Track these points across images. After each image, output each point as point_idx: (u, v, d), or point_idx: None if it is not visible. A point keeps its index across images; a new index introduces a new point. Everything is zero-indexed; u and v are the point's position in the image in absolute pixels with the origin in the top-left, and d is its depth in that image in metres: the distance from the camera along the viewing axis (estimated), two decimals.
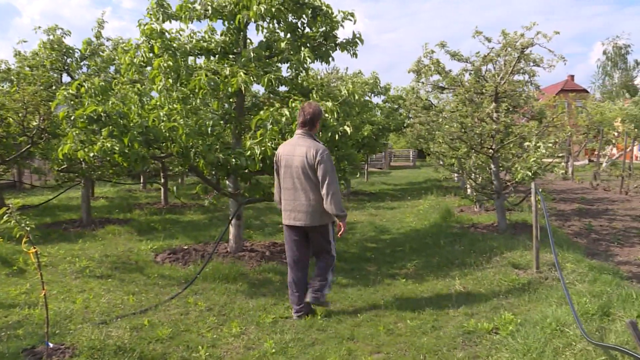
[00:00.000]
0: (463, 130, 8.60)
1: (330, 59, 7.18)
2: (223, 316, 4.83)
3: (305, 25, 6.95)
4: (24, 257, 6.50)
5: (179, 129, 5.72)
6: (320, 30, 6.99)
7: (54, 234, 8.81)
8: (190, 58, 6.85)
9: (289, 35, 6.95)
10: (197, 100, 6.55)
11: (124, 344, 3.91)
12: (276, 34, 7.09)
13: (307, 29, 7.01)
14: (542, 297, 5.01)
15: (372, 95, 15.99)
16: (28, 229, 3.60)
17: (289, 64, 6.82)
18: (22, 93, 8.68)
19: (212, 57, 7.05)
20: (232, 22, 6.80)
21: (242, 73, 5.97)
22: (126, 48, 7.01)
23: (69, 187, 11.28)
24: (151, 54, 6.44)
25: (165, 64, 6.09)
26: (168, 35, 6.53)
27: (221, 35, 7.06)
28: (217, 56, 7.02)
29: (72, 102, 5.71)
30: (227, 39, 6.97)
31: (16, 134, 9.36)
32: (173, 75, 6.23)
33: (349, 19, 6.95)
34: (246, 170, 6.24)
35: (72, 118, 5.55)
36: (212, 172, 6.55)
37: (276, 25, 6.92)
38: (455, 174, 13.52)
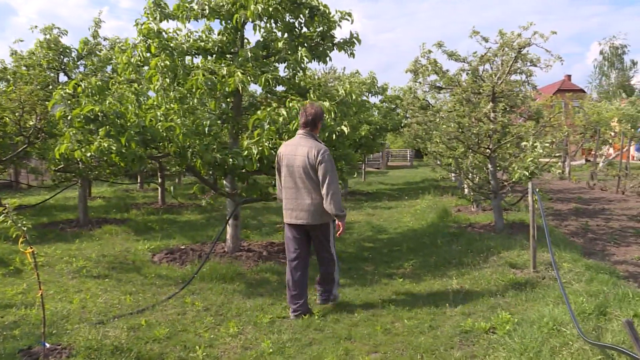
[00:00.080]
0: (460, 130, 8.60)
1: (328, 58, 7.19)
2: (220, 316, 4.82)
3: (302, 25, 6.95)
4: (21, 257, 6.49)
5: (176, 129, 5.71)
6: (318, 30, 6.99)
7: (51, 234, 8.78)
8: (188, 58, 6.85)
9: (286, 35, 6.94)
10: (195, 100, 6.55)
11: (121, 344, 3.91)
12: (273, 34, 7.09)
13: (305, 29, 7.01)
14: (539, 297, 5.02)
15: (369, 95, 16.01)
16: (25, 229, 3.60)
17: (286, 64, 6.82)
18: (18, 92, 8.66)
19: (209, 57, 7.05)
20: (229, 21, 6.80)
21: (239, 73, 5.97)
22: (123, 47, 7.01)
23: (66, 187, 11.26)
24: (148, 54, 6.44)
25: (163, 64, 6.09)
26: (165, 35, 6.53)
27: (218, 34, 7.06)
28: (214, 56, 7.02)
29: (69, 102, 5.69)
30: (224, 38, 6.97)
31: (13, 134, 9.34)
32: (170, 74, 6.24)
33: (347, 19, 6.96)
34: (243, 170, 6.24)
35: (69, 118, 5.53)
36: (209, 172, 6.55)
37: (273, 25, 6.92)
38: (452, 174, 13.52)
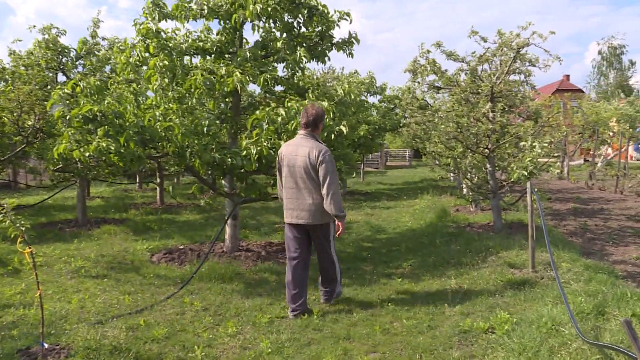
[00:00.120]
0: (459, 130, 8.61)
1: (326, 58, 7.19)
2: (219, 316, 4.82)
3: (301, 24, 6.95)
4: (19, 257, 6.47)
5: (175, 129, 5.71)
6: (316, 30, 6.99)
7: (50, 233, 8.77)
8: (186, 57, 6.84)
9: (284, 35, 6.94)
10: (193, 100, 6.55)
11: (120, 344, 3.91)
12: (272, 34, 7.09)
13: (303, 29, 7.01)
14: (537, 297, 5.02)
15: (368, 95, 16.01)
16: (23, 229, 3.60)
17: (284, 64, 6.82)
18: (17, 92, 8.65)
19: (208, 57, 7.05)
20: (228, 21, 6.79)
21: (238, 73, 5.96)
22: (122, 47, 7.00)
23: (65, 187, 11.25)
24: (147, 54, 6.43)
25: (161, 64, 6.09)
26: (164, 35, 6.52)
27: (217, 34, 7.05)
28: (213, 56, 7.01)
29: (68, 102, 5.69)
30: (223, 38, 6.97)
31: (11, 134, 9.33)
32: (169, 74, 6.23)
33: (345, 19, 6.96)
34: (242, 170, 6.24)
35: (67, 117, 5.53)
36: (208, 172, 6.54)
37: (272, 25, 6.92)
38: (451, 174, 13.55)
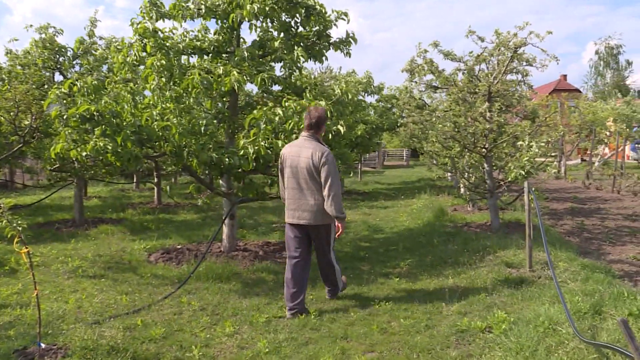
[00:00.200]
0: (456, 130, 8.62)
1: (324, 58, 7.19)
2: (216, 316, 4.82)
3: (298, 24, 6.95)
4: (16, 257, 6.46)
5: (172, 128, 5.70)
6: (314, 29, 6.99)
7: (47, 233, 8.76)
8: (184, 57, 6.83)
9: (282, 35, 6.94)
10: (191, 99, 6.53)
11: (117, 344, 3.90)
12: (269, 33, 7.09)
13: (301, 28, 7.01)
14: (535, 296, 5.03)
15: (365, 94, 16.00)
16: (20, 228, 3.58)
17: (282, 63, 6.83)
18: (13, 92, 8.62)
19: (205, 56, 7.04)
20: (225, 21, 6.79)
21: (235, 72, 5.96)
22: (119, 47, 6.99)
23: (62, 187, 11.23)
24: (144, 53, 6.43)
25: (158, 63, 6.08)
26: (161, 34, 6.52)
27: (214, 34, 7.05)
28: (210, 55, 7.01)
29: (65, 101, 5.67)
30: (220, 38, 6.96)
31: (8, 133, 9.30)
32: (166, 74, 6.22)
33: (343, 19, 6.96)
34: (239, 170, 6.23)
35: (64, 117, 5.52)
36: (205, 172, 6.54)
37: (269, 25, 6.92)
38: (448, 173, 13.56)
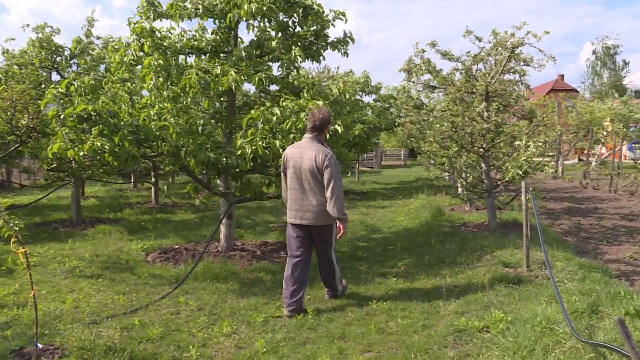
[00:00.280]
0: (454, 130, 8.63)
1: (321, 58, 7.20)
2: (214, 315, 4.81)
3: (296, 24, 6.95)
4: (13, 257, 6.45)
5: (170, 128, 5.70)
6: (311, 29, 6.99)
7: (44, 233, 8.74)
8: (181, 57, 6.82)
9: (279, 34, 6.93)
10: (188, 99, 6.53)
11: (114, 344, 3.89)
12: (267, 33, 7.08)
13: (298, 28, 7.01)
14: (532, 296, 5.04)
15: (363, 94, 16.05)
16: (17, 228, 3.58)
17: (279, 63, 6.81)
18: (10, 91, 8.59)
19: (202, 56, 7.03)
20: (222, 20, 6.78)
21: (232, 72, 5.95)
22: (116, 46, 6.98)
23: (59, 187, 11.20)
24: (141, 53, 6.42)
25: (156, 63, 6.07)
26: (158, 34, 6.50)
27: (212, 34, 7.04)
28: (207, 55, 6.99)
29: (62, 101, 5.66)
30: (217, 37, 6.95)
31: (5, 133, 9.27)
32: (163, 74, 6.21)
33: (340, 18, 6.96)
34: (237, 170, 6.23)
35: (61, 117, 5.50)
36: (202, 171, 6.54)
37: (267, 24, 6.91)
38: (446, 173, 13.56)
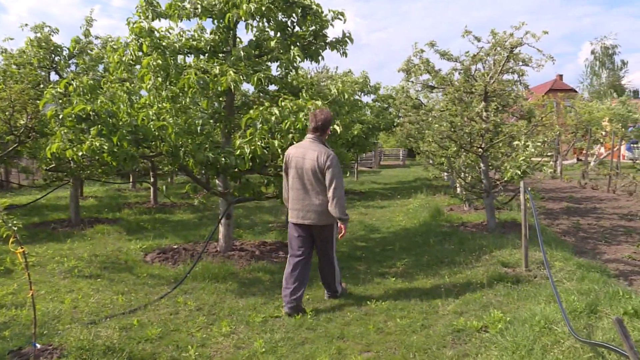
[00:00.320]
0: (452, 130, 8.63)
1: (320, 58, 7.20)
2: (213, 315, 4.81)
3: (295, 24, 6.95)
4: (12, 257, 6.43)
5: (169, 128, 5.70)
6: (310, 29, 6.99)
7: (42, 233, 8.73)
8: (180, 57, 6.82)
9: (278, 34, 6.94)
10: (187, 99, 6.53)
11: (113, 344, 3.89)
12: (266, 33, 7.09)
13: (297, 28, 7.01)
14: (530, 295, 5.05)
15: (362, 94, 16.05)
16: (15, 228, 3.57)
17: (278, 63, 6.82)
18: (9, 91, 8.59)
19: (201, 56, 7.03)
20: (221, 20, 6.78)
21: (231, 72, 5.95)
22: (115, 46, 6.97)
23: (58, 187, 11.18)
24: (140, 53, 6.41)
25: (155, 63, 6.07)
26: (157, 34, 6.50)
27: (211, 33, 7.04)
28: (206, 55, 7.00)
29: (60, 101, 5.65)
30: (216, 37, 6.95)
31: (3, 133, 9.26)
32: (162, 73, 6.22)
33: (339, 18, 6.97)
34: (236, 169, 6.23)
35: (60, 117, 5.50)
36: (201, 171, 6.53)
37: (266, 24, 6.92)
38: (444, 173, 13.57)
